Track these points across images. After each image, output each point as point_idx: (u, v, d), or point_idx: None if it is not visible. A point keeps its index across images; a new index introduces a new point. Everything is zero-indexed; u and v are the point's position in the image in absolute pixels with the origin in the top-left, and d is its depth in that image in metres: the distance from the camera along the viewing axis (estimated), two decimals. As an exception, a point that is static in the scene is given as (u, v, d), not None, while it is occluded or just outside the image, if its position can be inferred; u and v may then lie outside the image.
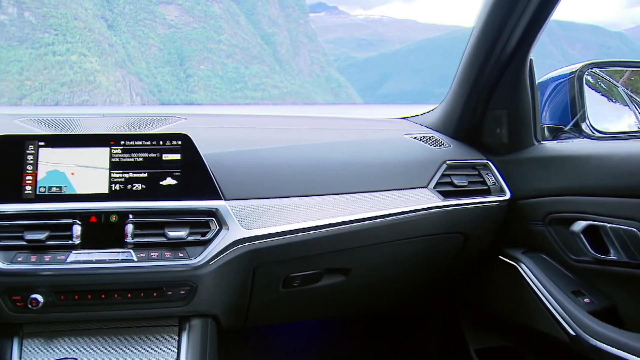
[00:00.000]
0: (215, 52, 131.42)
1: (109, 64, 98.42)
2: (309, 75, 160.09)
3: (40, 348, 1.27)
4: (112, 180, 1.30)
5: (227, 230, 1.27)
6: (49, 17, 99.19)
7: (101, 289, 1.24)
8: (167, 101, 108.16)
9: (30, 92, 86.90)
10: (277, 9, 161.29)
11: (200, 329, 1.35)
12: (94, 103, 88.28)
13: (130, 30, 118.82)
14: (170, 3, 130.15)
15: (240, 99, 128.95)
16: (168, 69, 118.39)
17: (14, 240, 1.22)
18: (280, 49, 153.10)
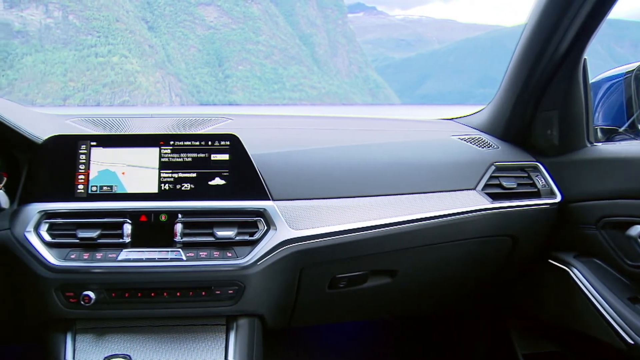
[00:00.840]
0: (253, 53, 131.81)
1: (149, 65, 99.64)
2: (347, 75, 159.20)
3: (92, 343, 1.30)
4: (161, 180, 1.32)
5: (275, 231, 1.28)
6: (92, 19, 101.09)
7: (151, 287, 1.26)
8: (206, 102, 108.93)
9: (74, 93, 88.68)
10: (316, 9, 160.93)
11: (247, 328, 1.35)
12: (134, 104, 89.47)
13: (170, 31, 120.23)
14: (210, 4, 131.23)
15: (278, 99, 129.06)
16: (207, 70, 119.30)
17: (67, 238, 1.25)
18: (318, 49, 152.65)
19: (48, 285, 1.24)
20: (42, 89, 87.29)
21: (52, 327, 1.32)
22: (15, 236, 1.25)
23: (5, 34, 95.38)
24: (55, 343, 1.30)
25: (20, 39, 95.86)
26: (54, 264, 1.22)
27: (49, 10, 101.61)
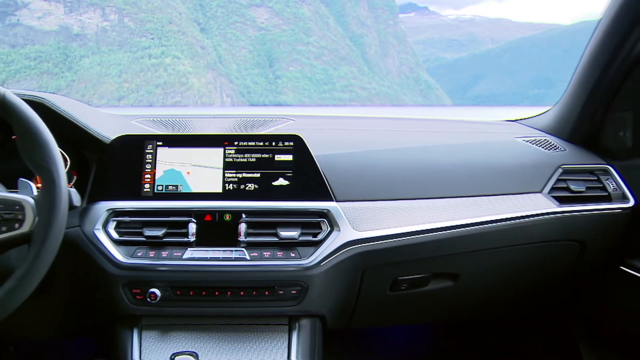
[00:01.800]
0: (304, 54, 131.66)
1: (200, 66, 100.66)
2: (397, 76, 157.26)
3: (157, 340, 1.33)
4: (225, 179, 1.34)
5: (339, 232, 1.29)
6: (146, 22, 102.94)
7: (215, 286, 1.29)
8: (256, 102, 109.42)
9: (128, 94, 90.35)
10: (367, 10, 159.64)
11: (309, 328, 1.35)
12: (186, 104, 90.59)
13: (222, 33, 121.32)
14: (261, 6, 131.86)
15: (328, 100, 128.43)
16: (258, 71, 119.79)
17: (134, 236, 1.29)
18: (369, 50, 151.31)
19: (116, 281, 1.27)
20: (98, 90, 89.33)
21: (119, 323, 1.35)
22: (85, 233, 1.29)
23: (65, 37, 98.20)
24: (122, 338, 1.33)
25: (79, 41, 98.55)
26: (121, 261, 1.26)
27: (106, 13, 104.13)
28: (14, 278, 1.03)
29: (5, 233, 1.05)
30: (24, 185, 1.13)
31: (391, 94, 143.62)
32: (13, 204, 1.07)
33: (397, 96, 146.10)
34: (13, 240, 1.06)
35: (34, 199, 1.08)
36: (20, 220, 1.05)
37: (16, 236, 1.05)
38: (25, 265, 1.03)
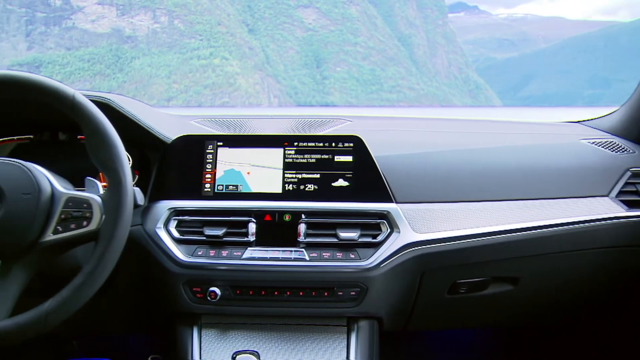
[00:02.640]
0: (351, 55, 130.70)
1: (248, 66, 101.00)
2: (446, 77, 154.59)
3: (217, 338, 1.34)
4: (285, 180, 1.35)
5: (399, 234, 1.29)
6: (195, 23, 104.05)
7: (274, 285, 1.30)
8: (303, 103, 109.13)
9: (177, 95, 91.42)
10: (415, 10, 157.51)
11: (368, 330, 1.35)
12: (233, 105, 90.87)
13: (270, 34, 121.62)
14: (308, 6, 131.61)
15: (376, 100, 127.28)
16: (305, 72, 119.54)
17: (195, 235, 1.31)
18: (417, 50, 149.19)
19: (176, 279, 1.30)
20: (148, 91, 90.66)
21: (179, 320, 1.37)
22: (147, 232, 1.32)
23: (117, 39, 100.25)
24: (182, 336, 1.35)
25: (130, 43, 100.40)
26: (182, 260, 1.28)
27: (156, 15, 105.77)
28: (82, 274, 1.06)
29: (74, 230, 1.08)
30: (91, 184, 1.16)
31: (439, 95, 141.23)
32: (81, 202, 1.10)
33: (445, 97, 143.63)
34: (81, 237, 1.09)
35: (101, 197, 1.11)
36: (88, 218, 1.08)
37: (84, 233, 1.08)
38: (92, 262, 1.06)
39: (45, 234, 1.09)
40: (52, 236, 1.09)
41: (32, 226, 1.08)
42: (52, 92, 1.12)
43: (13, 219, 1.07)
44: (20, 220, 1.07)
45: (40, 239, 1.09)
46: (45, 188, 1.11)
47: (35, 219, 1.08)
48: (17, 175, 1.11)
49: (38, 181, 1.11)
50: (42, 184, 1.11)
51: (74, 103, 1.11)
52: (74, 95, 1.11)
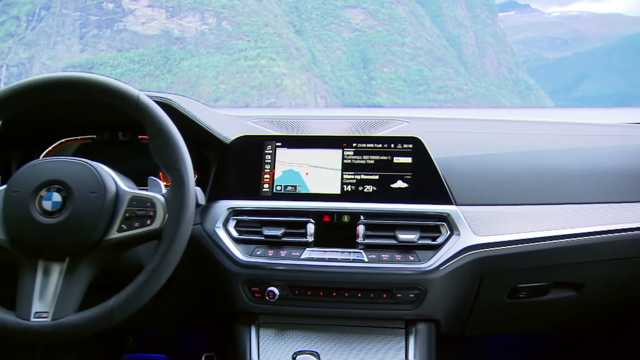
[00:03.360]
0: (398, 55, 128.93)
1: (295, 67, 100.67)
2: (495, 77, 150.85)
3: (275, 338, 1.34)
4: (344, 181, 1.35)
5: (459, 236, 1.28)
6: (243, 24, 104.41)
7: (333, 286, 1.30)
8: (350, 103, 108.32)
9: (224, 95, 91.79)
10: (464, 9, 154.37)
11: (426, 333, 1.33)
12: (280, 105, 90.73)
13: (317, 34, 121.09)
14: (355, 7, 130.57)
15: (423, 101, 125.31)
16: (352, 72, 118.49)
17: (253, 235, 1.32)
18: (465, 50, 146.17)
19: (235, 279, 1.31)
20: (196, 91, 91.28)
21: (237, 320, 1.37)
22: (206, 231, 1.33)
23: (166, 41, 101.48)
24: (240, 335, 1.35)
25: (179, 45, 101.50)
26: (241, 259, 1.29)
27: (205, 17, 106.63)
28: (145, 272, 1.08)
29: (138, 229, 1.11)
30: (153, 184, 1.19)
31: (488, 96, 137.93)
32: (145, 201, 1.12)
33: (494, 98, 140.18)
34: (145, 235, 1.12)
35: (164, 196, 1.13)
36: (152, 217, 1.11)
37: (148, 232, 1.11)
38: (156, 260, 1.08)
39: (110, 232, 1.11)
40: (116, 234, 1.11)
41: (98, 224, 1.10)
42: (117, 93, 1.13)
43: (80, 217, 1.09)
44: (86, 219, 1.09)
45: (105, 237, 1.11)
46: (110, 187, 1.13)
47: (101, 218, 1.10)
48: (84, 174, 1.13)
49: (104, 180, 1.13)
50: (107, 183, 1.13)
51: (138, 104, 1.13)
52: (138, 96, 1.13)
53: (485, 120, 1.76)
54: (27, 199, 1.11)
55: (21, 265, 1.13)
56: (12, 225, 1.12)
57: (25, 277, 1.11)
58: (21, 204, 1.11)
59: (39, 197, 1.12)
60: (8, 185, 1.15)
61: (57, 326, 1.07)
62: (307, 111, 2.25)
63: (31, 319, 1.07)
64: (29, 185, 1.12)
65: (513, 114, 2.31)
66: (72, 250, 1.11)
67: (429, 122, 1.71)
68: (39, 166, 1.16)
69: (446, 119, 1.78)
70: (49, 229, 1.09)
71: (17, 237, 1.12)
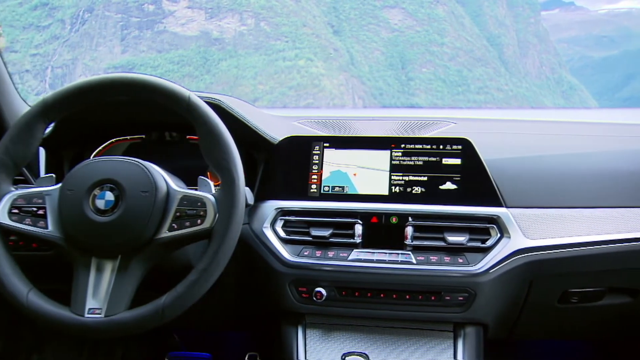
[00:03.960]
0: (437, 55, 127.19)
1: (333, 68, 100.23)
2: (537, 77, 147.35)
3: (321, 339, 1.33)
4: (392, 182, 1.35)
5: (509, 239, 1.26)
6: (281, 25, 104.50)
7: (380, 288, 1.29)
8: (388, 104, 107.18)
9: (262, 95, 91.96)
10: (505, 8, 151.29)
11: (474, 337, 1.32)
12: (317, 106, 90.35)
13: (355, 35, 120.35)
14: (394, 7, 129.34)
15: (462, 102, 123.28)
16: (390, 73, 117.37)
17: (301, 236, 1.33)
18: (506, 50, 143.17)
19: (283, 279, 1.31)
20: (235, 92, 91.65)
21: (284, 320, 1.38)
22: (254, 231, 1.35)
23: (205, 42, 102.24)
24: (287, 335, 1.35)
25: (217, 45, 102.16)
26: (288, 260, 1.29)
27: (243, 18, 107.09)
28: (196, 271, 1.10)
29: (189, 228, 1.12)
30: (203, 183, 1.19)
31: (529, 96, 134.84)
32: (196, 200, 1.13)
33: (536, 98, 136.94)
34: (195, 235, 1.13)
35: (214, 196, 1.14)
36: (202, 217, 1.12)
37: (198, 231, 1.12)
38: (206, 259, 1.09)
39: (161, 231, 1.13)
40: (167, 233, 1.13)
41: (149, 223, 1.12)
42: (169, 94, 1.15)
43: (132, 216, 1.12)
44: (138, 217, 1.12)
45: (156, 236, 1.13)
46: (161, 186, 1.15)
47: (152, 216, 1.12)
48: (136, 174, 1.15)
49: (155, 180, 1.15)
50: (158, 182, 1.15)
51: (189, 104, 1.14)
52: (189, 96, 1.14)
53: (532, 122, 1.72)
54: (81, 198, 1.13)
55: (75, 262, 1.16)
56: (66, 223, 1.15)
57: (79, 274, 1.14)
58: (75, 203, 1.13)
59: (92, 195, 1.14)
60: (63, 184, 1.18)
61: (109, 322, 1.08)
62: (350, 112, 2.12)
63: (85, 315, 1.10)
64: (83, 184, 1.15)
65: (556, 114, 2.21)
66: (124, 248, 1.13)
67: (476, 123, 1.69)
68: (93, 165, 1.18)
69: (493, 120, 1.76)
70: (101, 227, 1.11)
71: (71, 234, 1.14)
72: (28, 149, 1.22)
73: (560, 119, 1.77)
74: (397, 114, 1.79)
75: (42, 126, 1.22)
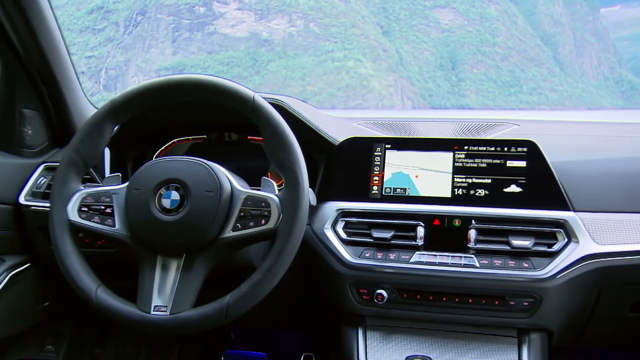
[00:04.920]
0: (489, 55, 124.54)
1: (382, 68, 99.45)
2: (594, 77, 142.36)
3: (382, 341, 1.32)
4: (454, 184, 1.33)
5: (577, 244, 1.22)
6: (330, 26, 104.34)
7: (442, 291, 1.27)
8: (438, 105, 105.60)
9: (311, 96, 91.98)
10: (562, 6, 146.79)
11: (539, 343, 1.29)
12: (366, 107, 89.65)
13: (404, 35, 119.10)
14: (445, 7, 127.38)
15: (514, 103, 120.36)
16: (440, 73, 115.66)
17: (362, 237, 1.32)
18: (561, 50, 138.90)
19: (343, 280, 1.30)
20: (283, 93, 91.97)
21: (344, 321, 1.37)
22: (315, 232, 1.34)
23: (254, 43, 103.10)
24: (347, 336, 1.34)
25: (267, 47, 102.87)
26: (349, 261, 1.28)
27: (292, 19, 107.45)
28: (260, 271, 1.10)
29: (253, 228, 1.12)
30: (267, 184, 1.19)
31: (585, 97, 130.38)
32: (260, 201, 1.13)
33: (593, 99, 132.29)
34: (259, 235, 1.13)
35: (278, 197, 1.14)
36: (266, 217, 1.12)
37: (262, 232, 1.12)
38: (270, 259, 1.09)
39: (225, 231, 1.14)
40: (231, 233, 1.14)
41: (214, 223, 1.13)
42: (234, 95, 1.16)
43: (197, 215, 1.13)
44: (203, 217, 1.13)
45: (221, 235, 1.14)
46: (226, 186, 1.15)
47: (217, 216, 1.13)
48: (201, 174, 1.16)
49: (220, 180, 1.15)
50: (223, 182, 1.15)
51: (254, 105, 1.14)
52: (254, 97, 1.15)
53: (594, 123, 1.68)
54: (148, 197, 1.15)
55: (141, 260, 1.18)
56: (133, 222, 1.17)
57: (145, 272, 1.16)
58: (142, 202, 1.15)
59: (158, 195, 1.15)
60: (130, 183, 1.20)
61: (175, 320, 1.09)
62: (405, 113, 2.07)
63: (151, 312, 1.11)
64: (149, 184, 1.16)
65: (617, 116, 2.17)
66: (189, 247, 1.15)
67: (540, 125, 1.66)
68: (159, 165, 1.19)
69: (555, 121, 1.71)
70: (167, 226, 1.13)
71: (137, 233, 1.17)
72: (96, 149, 1.25)
73: (621, 120, 1.68)
74: (454, 115, 1.75)
75: (110, 126, 1.25)
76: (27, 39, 1.59)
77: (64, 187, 1.21)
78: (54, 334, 1.93)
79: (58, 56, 1.70)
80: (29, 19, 1.54)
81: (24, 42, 1.60)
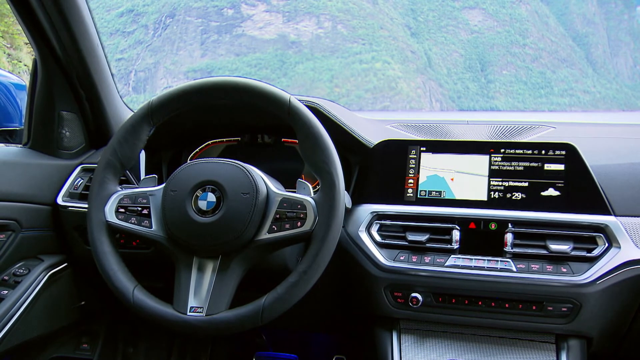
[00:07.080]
0: (519, 57, 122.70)
1: (410, 70, 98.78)
2: (629, 78, 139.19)
3: (416, 344, 1.31)
4: (491, 187, 1.31)
5: (619, 249, 1.19)
6: (358, 28, 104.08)
7: (478, 295, 1.26)
8: (466, 107, 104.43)
9: (338, 98, 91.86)
10: (595, 6, 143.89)
11: (578, 350, 1.26)
12: (394, 109, 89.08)
13: (433, 37, 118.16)
14: (474, 8, 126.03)
15: (545, 105, 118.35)
16: (469, 75, 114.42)
17: (397, 240, 1.31)
18: (594, 50, 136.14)
19: (378, 283, 1.30)
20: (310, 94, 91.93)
21: (377, 323, 1.36)
22: (349, 234, 1.34)
23: (282, 45, 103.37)
24: (381, 339, 1.34)
25: (294, 49, 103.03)
26: (384, 264, 1.27)
27: (320, 21, 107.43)
28: (296, 273, 1.09)
29: (288, 230, 1.12)
30: (302, 186, 1.19)
31: (620, 98, 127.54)
32: (295, 203, 1.14)
33: (628, 100, 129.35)
34: (295, 237, 1.13)
35: (314, 199, 1.14)
36: (302, 219, 1.12)
37: (298, 234, 1.12)
38: (306, 261, 1.08)
39: (260, 233, 1.14)
40: (267, 235, 1.14)
41: (250, 225, 1.13)
42: (271, 97, 1.16)
43: (232, 217, 1.13)
44: (239, 219, 1.12)
45: (256, 237, 1.15)
46: (262, 189, 1.15)
47: (253, 218, 1.13)
48: (236, 176, 1.16)
49: (255, 182, 1.15)
50: (259, 184, 1.15)
51: (290, 107, 1.15)
52: (290, 99, 1.15)
53: (635, 125, 1.63)
54: (184, 198, 1.15)
55: (177, 261, 1.19)
56: (170, 223, 1.17)
57: (181, 273, 1.17)
58: (178, 203, 1.15)
59: (194, 196, 1.16)
60: (166, 185, 1.20)
61: (211, 321, 1.10)
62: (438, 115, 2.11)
63: (187, 313, 1.12)
64: (186, 185, 1.17)
65: None
66: (225, 248, 1.15)
67: (577, 127, 1.62)
68: (195, 167, 1.20)
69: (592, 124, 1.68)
70: (203, 228, 1.13)
71: (174, 234, 1.17)
72: (133, 151, 1.25)
73: None
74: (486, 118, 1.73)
75: (147, 128, 1.26)
76: (67, 43, 1.62)
77: (102, 188, 1.22)
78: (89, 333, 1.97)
79: (96, 60, 1.74)
80: (69, 23, 1.57)
81: (64, 46, 1.63)
